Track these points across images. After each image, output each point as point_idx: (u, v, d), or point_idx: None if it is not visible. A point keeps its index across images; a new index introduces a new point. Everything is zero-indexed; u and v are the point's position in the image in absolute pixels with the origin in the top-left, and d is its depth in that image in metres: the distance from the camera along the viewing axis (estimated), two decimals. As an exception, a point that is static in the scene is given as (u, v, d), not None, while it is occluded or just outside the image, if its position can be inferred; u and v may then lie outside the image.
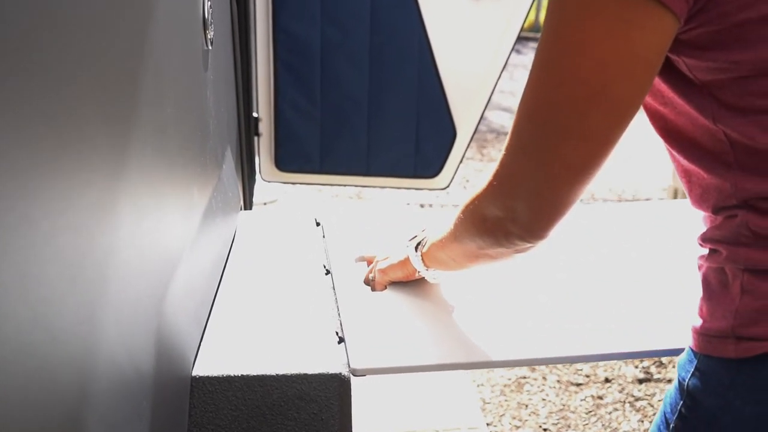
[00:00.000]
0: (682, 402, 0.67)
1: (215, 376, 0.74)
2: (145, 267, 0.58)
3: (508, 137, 0.66)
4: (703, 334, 0.65)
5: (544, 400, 2.22)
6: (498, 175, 0.67)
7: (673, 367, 2.41)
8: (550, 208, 0.64)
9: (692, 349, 0.66)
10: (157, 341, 0.62)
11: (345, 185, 2.19)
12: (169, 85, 0.66)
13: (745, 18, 0.55)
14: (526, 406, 2.20)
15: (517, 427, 2.10)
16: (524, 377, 2.34)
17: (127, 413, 0.54)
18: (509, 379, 2.33)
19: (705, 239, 0.67)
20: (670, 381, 2.33)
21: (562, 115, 0.60)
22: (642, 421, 2.12)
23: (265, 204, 2.71)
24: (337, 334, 0.83)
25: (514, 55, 7.99)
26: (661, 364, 2.43)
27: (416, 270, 0.93)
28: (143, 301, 0.58)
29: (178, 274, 0.70)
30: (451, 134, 2.04)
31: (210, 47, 0.88)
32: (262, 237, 1.11)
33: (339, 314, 0.89)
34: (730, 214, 0.63)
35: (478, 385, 2.30)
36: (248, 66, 1.97)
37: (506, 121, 6.59)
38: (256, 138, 2.13)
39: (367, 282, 0.98)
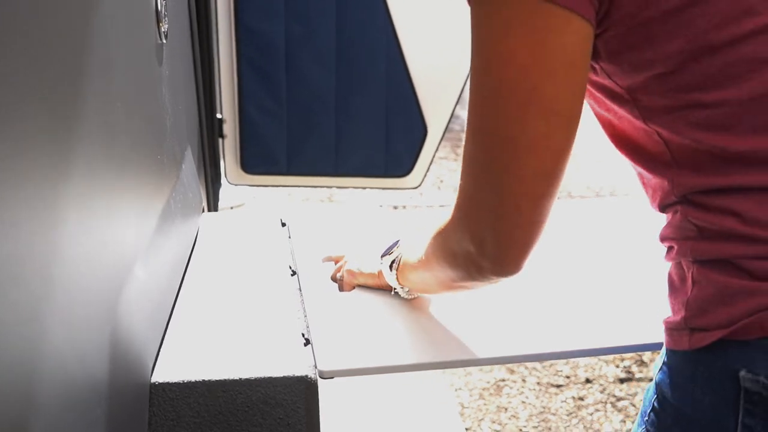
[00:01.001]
0: (654, 396, 0.69)
1: (175, 382, 0.73)
2: (95, 267, 0.57)
3: (461, 164, 0.66)
4: (666, 329, 0.67)
5: (523, 402, 2.24)
6: (459, 206, 0.67)
7: (654, 364, 2.45)
8: (518, 232, 0.63)
9: (664, 345, 0.68)
10: (111, 345, 0.61)
11: (313, 186, 2.18)
12: (118, 79, 0.65)
13: (648, 16, 0.58)
14: (506, 409, 2.21)
15: (497, 431, 2.11)
16: (503, 380, 2.35)
17: (77, 422, 0.53)
18: (488, 383, 2.34)
19: (661, 238, 0.69)
20: (651, 380, 2.36)
21: (501, 128, 0.60)
22: (624, 422, 2.14)
23: (231, 208, 2.69)
24: (303, 336, 0.83)
25: (487, 52, 7.86)
26: (642, 363, 2.46)
27: (389, 285, 0.92)
28: (93, 302, 0.57)
29: (133, 275, 0.69)
30: (421, 132, 2.05)
31: (164, 41, 0.88)
32: (226, 238, 1.10)
33: (305, 316, 0.88)
34: (674, 210, 0.66)
35: (456, 389, 2.30)
36: (210, 65, 1.96)
37: (481, 120, 6.63)
38: (220, 140, 2.11)
39: (333, 279, 0.98)
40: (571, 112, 0.60)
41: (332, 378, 0.78)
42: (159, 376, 0.73)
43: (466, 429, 2.12)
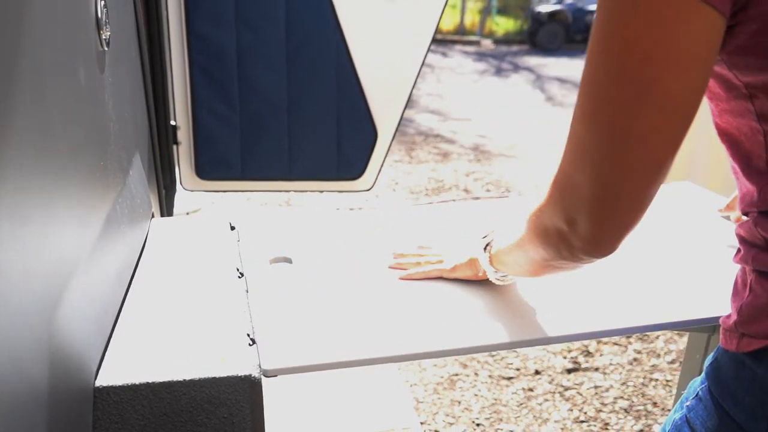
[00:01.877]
0: (700, 387, 0.71)
1: (120, 385, 0.72)
2: (32, 274, 0.56)
3: (565, 142, 0.63)
4: (722, 328, 0.69)
5: (476, 395, 2.26)
6: (557, 184, 0.65)
7: (601, 355, 2.50)
8: (614, 219, 0.61)
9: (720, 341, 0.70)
10: (51, 351, 0.60)
11: (268, 191, 2.17)
12: (53, 86, 0.64)
13: None
14: (459, 402, 2.23)
15: (451, 424, 2.13)
16: (456, 374, 2.37)
17: (15, 427, 0.52)
18: (442, 377, 2.36)
19: (736, 236, 0.69)
20: (597, 369, 2.41)
21: (615, 117, 0.57)
22: (571, 410, 2.18)
23: (188, 214, 2.65)
24: (248, 336, 0.82)
25: (440, 57, 8.20)
26: (588, 354, 2.51)
27: (485, 270, 0.92)
28: (30, 308, 0.56)
29: (74, 281, 0.68)
30: (372, 135, 2.05)
31: (106, 48, 0.86)
32: (175, 243, 1.09)
33: (251, 316, 0.88)
34: (752, 216, 0.66)
35: (411, 385, 2.32)
36: (163, 72, 1.93)
37: (434, 124, 6.69)
38: (175, 146, 2.09)
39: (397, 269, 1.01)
40: (689, 107, 0.57)
41: (276, 376, 0.78)
42: (103, 379, 0.72)
43: (421, 423, 2.13)
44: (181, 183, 2.13)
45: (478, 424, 2.12)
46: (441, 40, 13.47)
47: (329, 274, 1.01)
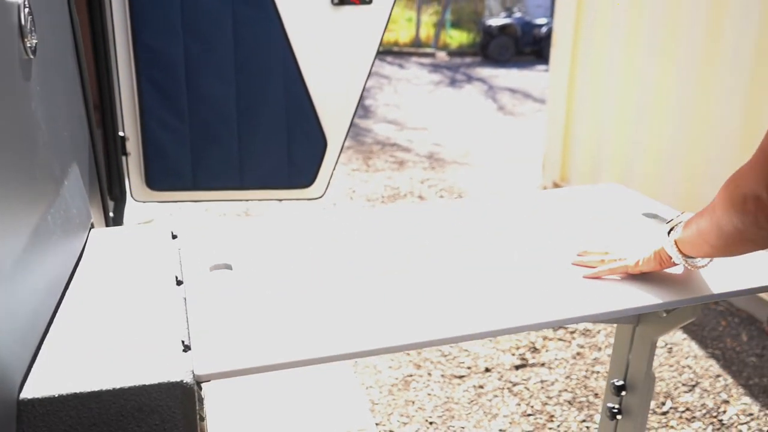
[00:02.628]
0: None
1: (46, 397, 0.69)
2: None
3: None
4: None
5: (429, 395, 2.26)
6: (763, 149, 0.64)
7: (547, 351, 2.52)
8: None
9: None
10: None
11: (220, 200, 2.13)
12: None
13: None
14: (413, 402, 2.22)
15: (405, 424, 2.12)
16: (411, 375, 2.37)
17: None
18: (396, 379, 2.35)
19: None
20: (543, 364, 2.43)
21: None
22: (519, 404, 2.19)
23: (139, 225, 2.59)
24: (183, 342, 0.80)
25: (397, 69, 8.21)
26: (535, 350, 2.53)
27: (670, 257, 0.91)
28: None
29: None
30: (322, 143, 2.04)
31: (32, 56, 0.83)
32: (114, 253, 1.05)
33: (188, 323, 0.86)
34: None
35: (366, 387, 2.30)
36: (110, 83, 1.88)
37: (392, 133, 6.70)
38: (124, 157, 2.04)
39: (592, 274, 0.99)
40: None
41: (209, 381, 0.76)
42: (28, 392, 0.69)
43: (377, 424, 2.12)
44: (131, 194, 2.08)
45: (431, 423, 2.11)
46: (398, 52, 13.52)
47: (269, 280, 0.99)
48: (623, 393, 1.28)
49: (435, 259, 1.07)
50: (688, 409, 2.27)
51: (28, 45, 0.80)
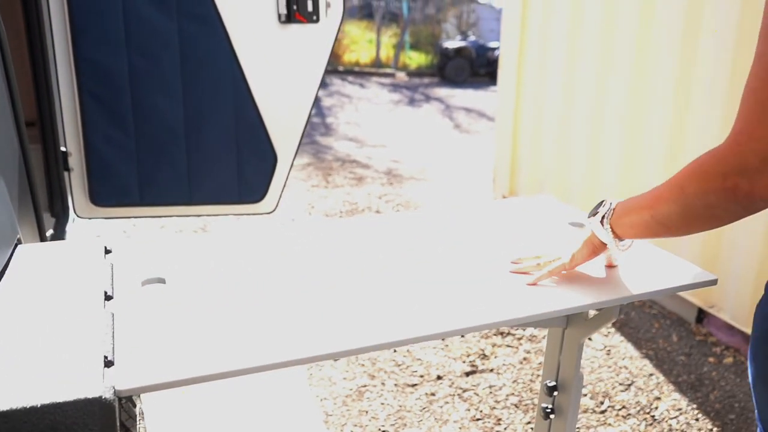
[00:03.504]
0: None
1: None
2: None
3: (745, 103, 0.72)
4: None
5: (383, 404, 2.22)
6: (742, 134, 0.70)
7: (495, 357, 2.52)
8: None
9: None
10: None
11: (168, 216, 2.07)
12: None
13: None
14: (367, 412, 2.18)
15: (358, 434, 2.08)
16: (365, 385, 2.33)
17: None
18: (351, 389, 2.31)
19: None
20: (492, 370, 2.42)
21: None
22: (468, 410, 2.18)
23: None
24: (105, 358, 0.76)
25: (358, 88, 8.24)
26: (484, 356, 2.52)
27: (602, 242, 0.95)
28: None
29: None
30: (272, 159, 2.00)
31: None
32: (41, 269, 1.00)
33: (113, 338, 0.81)
34: None
35: (321, 399, 2.25)
36: (49, 97, 1.82)
37: (351, 150, 6.68)
38: (66, 173, 1.96)
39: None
40: None
41: (130, 396, 0.72)
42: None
43: (330, 435, 2.07)
44: (74, 211, 2.01)
45: (384, 431, 2.08)
46: (359, 72, 13.58)
47: (203, 294, 0.96)
48: (555, 393, 1.28)
49: (370, 272, 1.05)
50: (624, 407, 2.29)
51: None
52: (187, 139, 1.94)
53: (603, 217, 0.95)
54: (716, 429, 2.19)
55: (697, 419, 2.24)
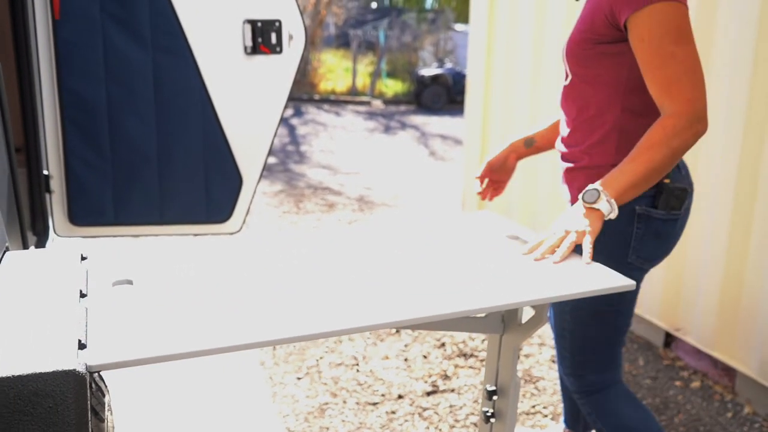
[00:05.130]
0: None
1: (-50, 384, 0.79)
2: None
3: (681, 85, 1.27)
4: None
5: (343, 421, 2.37)
6: (689, 103, 1.26)
7: (457, 378, 2.68)
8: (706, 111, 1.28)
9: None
10: None
11: (141, 235, 2.23)
12: None
13: None
14: (328, 429, 2.32)
15: (319, 448, 2.22)
16: (326, 403, 2.47)
17: None
18: (313, 407, 2.45)
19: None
20: (453, 390, 2.58)
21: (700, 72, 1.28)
22: (428, 428, 2.33)
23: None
24: (79, 341, 0.92)
25: (333, 117, 8.47)
26: (446, 377, 2.68)
27: (603, 213, 1.28)
28: None
29: None
30: (237, 181, 2.19)
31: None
32: (24, 271, 1.16)
33: (86, 327, 0.97)
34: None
35: (284, 416, 2.39)
36: (35, 125, 1.99)
37: (324, 177, 6.89)
38: (48, 195, 2.13)
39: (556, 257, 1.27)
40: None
41: (99, 371, 0.88)
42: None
43: (291, 449, 2.21)
44: (54, 230, 2.16)
45: (343, 446, 2.22)
46: (334, 101, 13.87)
47: (166, 292, 1.12)
48: (495, 397, 1.45)
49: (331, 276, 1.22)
50: (583, 427, 2.45)
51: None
52: (159, 163, 2.12)
53: (607, 199, 1.28)
54: (674, 449, 2.35)
55: (654, 438, 2.41)
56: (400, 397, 2.53)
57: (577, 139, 1.49)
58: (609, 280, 1.21)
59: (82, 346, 0.91)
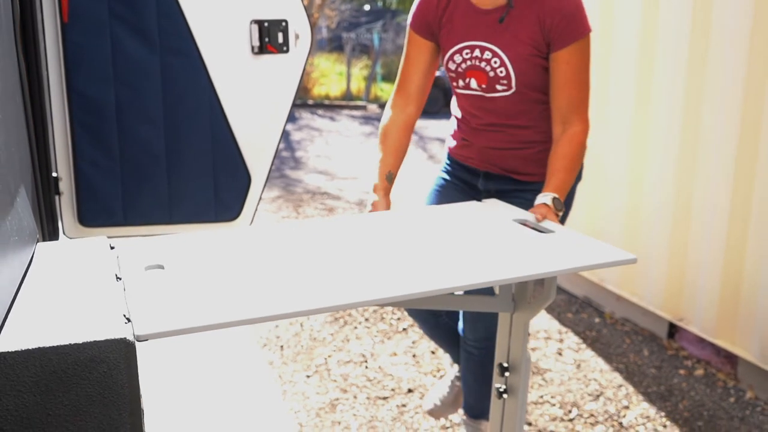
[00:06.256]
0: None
1: (14, 351, 0.89)
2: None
3: (583, 108, 1.69)
4: None
5: (355, 415, 2.47)
6: (586, 120, 1.69)
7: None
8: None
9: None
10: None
11: (150, 235, 2.33)
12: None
13: None
14: (339, 423, 2.42)
15: (331, 441, 2.31)
16: (337, 399, 2.57)
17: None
18: (324, 403, 2.55)
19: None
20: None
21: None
22: (439, 420, 2.43)
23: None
24: (124, 316, 1.02)
25: (329, 122, 8.64)
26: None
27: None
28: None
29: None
30: (246, 180, 2.29)
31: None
32: (60, 259, 1.26)
33: (127, 304, 1.08)
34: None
35: (295, 412, 2.49)
36: (44, 127, 2.09)
37: (322, 183, 7.00)
38: (57, 197, 2.23)
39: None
40: None
41: (147, 340, 0.98)
42: (1, 346, 0.90)
43: (304, 443, 2.30)
44: (63, 231, 2.26)
45: (356, 439, 2.32)
46: (329, 106, 14.00)
47: (197, 275, 1.23)
48: (507, 374, 1.56)
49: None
50: (592, 415, 2.56)
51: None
52: (168, 163, 2.22)
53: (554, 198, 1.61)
54: (680, 433, 2.46)
55: (665, 426, 2.52)
56: (410, 391, 2.63)
57: (540, 131, 1.83)
58: (611, 255, 1.33)
59: (127, 320, 1.02)
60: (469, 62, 1.76)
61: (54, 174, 2.20)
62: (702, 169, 2.77)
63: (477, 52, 1.74)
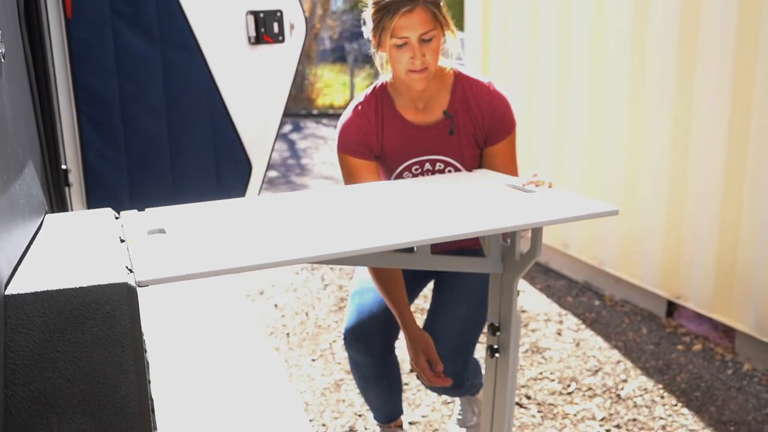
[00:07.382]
0: None
1: (25, 293, 0.95)
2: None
3: (514, 164, 1.81)
4: None
5: (359, 394, 2.51)
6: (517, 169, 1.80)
7: (466, 351, 2.83)
8: None
9: None
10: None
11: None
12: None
13: None
14: (344, 401, 2.47)
15: (336, 418, 2.36)
16: (341, 379, 2.62)
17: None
18: (329, 383, 2.60)
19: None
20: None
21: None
22: (440, 396, 2.47)
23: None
24: (127, 267, 1.08)
25: (332, 130, 8.71)
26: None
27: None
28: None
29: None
30: (247, 168, 2.35)
31: (2, 60, 1.13)
32: (67, 226, 1.32)
33: (130, 258, 1.14)
34: None
35: (301, 392, 2.54)
36: (52, 120, 2.17)
37: (327, 187, 7.08)
38: (67, 188, 2.30)
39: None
40: None
41: (147, 285, 1.04)
42: (12, 289, 0.95)
43: (310, 420, 2.35)
44: (73, 221, 2.33)
45: (360, 415, 2.36)
46: (333, 115, 14.10)
47: (197, 238, 1.29)
48: (498, 333, 1.60)
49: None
50: (590, 389, 2.59)
51: (1, 50, 1.10)
52: (171, 153, 2.29)
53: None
54: (681, 404, 2.49)
55: (662, 397, 2.55)
56: (412, 371, 2.67)
57: None
58: (593, 207, 1.38)
59: (129, 270, 1.08)
60: (420, 174, 1.79)
61: (63, 166, 2.27)
62: (695, 147, 2.82)
63: (428, 165, 1.78)
